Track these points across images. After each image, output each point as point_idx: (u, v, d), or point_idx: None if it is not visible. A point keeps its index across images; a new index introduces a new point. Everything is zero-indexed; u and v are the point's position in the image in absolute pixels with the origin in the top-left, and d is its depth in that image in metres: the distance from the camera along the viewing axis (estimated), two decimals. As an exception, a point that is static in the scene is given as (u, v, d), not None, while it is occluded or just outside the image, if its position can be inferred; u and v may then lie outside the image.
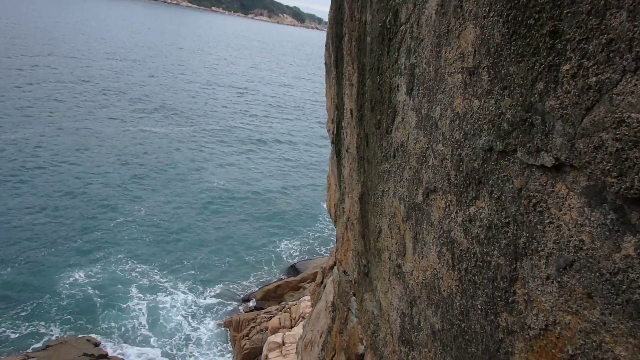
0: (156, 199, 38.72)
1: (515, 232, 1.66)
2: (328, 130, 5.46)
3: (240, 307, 26.38)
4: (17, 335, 23.61)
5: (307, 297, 18.78)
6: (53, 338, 23.50)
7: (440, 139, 2.16)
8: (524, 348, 1.71)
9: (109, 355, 21.26)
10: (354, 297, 4.51)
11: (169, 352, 23.84)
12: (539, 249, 1.54)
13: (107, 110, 57.96)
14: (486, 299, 1.91)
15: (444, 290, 2.33)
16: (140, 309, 26.59)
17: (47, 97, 60.68)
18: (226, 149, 51.81)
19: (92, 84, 68.09)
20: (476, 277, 1.97)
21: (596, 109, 1.28)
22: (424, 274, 2.58)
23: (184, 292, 28.43)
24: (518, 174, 1.62)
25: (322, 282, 6.92)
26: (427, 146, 2.33)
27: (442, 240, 2.27)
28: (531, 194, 1.56)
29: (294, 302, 20.01)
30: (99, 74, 73.03)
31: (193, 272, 30.17)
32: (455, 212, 2.09)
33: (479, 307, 1.97)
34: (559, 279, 1.46)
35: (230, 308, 26.89)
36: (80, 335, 23.73)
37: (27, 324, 24.37)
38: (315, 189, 43.96)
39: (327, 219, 37.74)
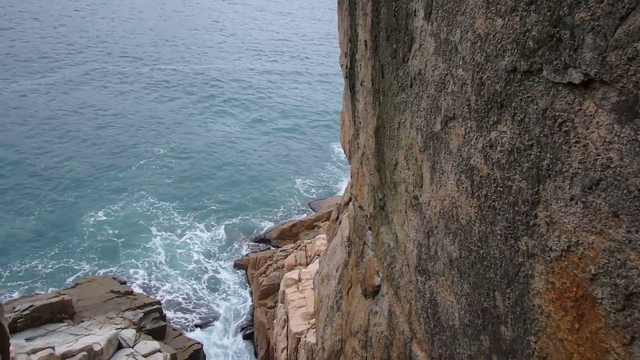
0: (175, 141, 39.05)
1: (538, 154, 1.63)
2: (341, 65, 5.33)
3: (257, 246, 27.05)
4: (49, 271, 24.76)
5: (322, 236, 19.15)
6: (81, 275, 24.54)
7: (460, 63, 2.08)
8: (544, 270, 1.72)
9: (134, 292, 22.13)
10: (369, 231, 4.57)
11: (190, 288, 24.76)
12: (564, 169, 1.51)
13: (133, 62, 57.29)
14: (506, 224, 1.90)
15: (462, 218, 2.33)
16: (161, 247, 27.47)
17: (73, 45, 60.26)
18: (239, 92, 51.35)
19: (113, 43, 66.92)
20: (496, 202, 1.96)
21: (631, 18, 1.21)
22: (442, 204, 2.57)
23: (202, 231, 29.16)
24: (543, 94, 1.56)
25: (337, 218, 7.01)
26: (446, 72, 2.26)
27: (461, 168, 2.25)
28: (556, 113, 1.51)
29: (309, 241, 20.43)
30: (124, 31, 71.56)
31: (211, 211, 30.82)
32: (476, 139, 2.05)
33: (499, 232, 1.97)
34: (584, 199, 1.44)
35: (247, 246, 27.59)
36: (106, 274, 24.77)
37: (56, 262, 25.49)
38: (327, 129, 43.70)
39: (338, 159, 37.87)
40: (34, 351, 15.14)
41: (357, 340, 4.82)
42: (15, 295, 22.88)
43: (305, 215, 29.82)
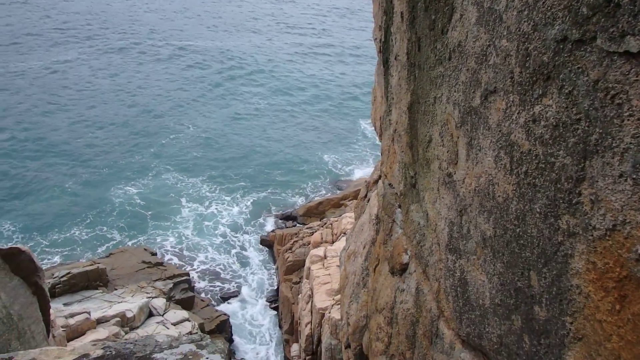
0: (204, 116, 39.45)
1: (586, 128, 1.56)
2: (375, 39, 5.23)
3: (283, 223, 27.27)
4: (85, 239, 25.60)
5: (349, 214, 19.15)
6: (113, 244, 25.29)
7: (505, 33, 2.00)
8: (586, 250, 1.66)
9: (164, 263, 22.70)
10: (399, 209, 4.52)
11: (217, 261, 25.21)
12: (614, 145, 1.44)
13: (164, 38, 57.74)
14: (546, 201, 1.84)
15: (498, 196, 2.26)
16: (189, 220, 28.01)
17: (104, 20, 61.07)
18: (268, 67, 51.25)
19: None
20: (537, 179, 1.89)
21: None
22: (478, 181, 2.51)
23: (229, 205, 29.54)
24: (595, 65, 1.48)
25: (365, 196, 6.97)
26: (488, 43, 2.18)
27: (500, 144, 2.18)
28: (609, 85, 1.43)
29: (336, 219, 20.47)
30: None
31: (238, 186, 31.17)
32: (518, 113, 1.98)
33: (538, 210, 1.91)
34: (634, 176, 1.37)
35: (273, 222, 27.85)
36: (136, 243, 25.46)
37: (90, 230, 26.33)
38: (356, 106, 43.33)
39: (365, 135, 37.62)
40: (72, 315, 15.82)
41: (383, 317, 4.83)
42: (57, 259, 23.79)
43: (332, 193, 29.86)
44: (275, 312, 21.83)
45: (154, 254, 23.25)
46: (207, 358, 4.67)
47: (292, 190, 30.66)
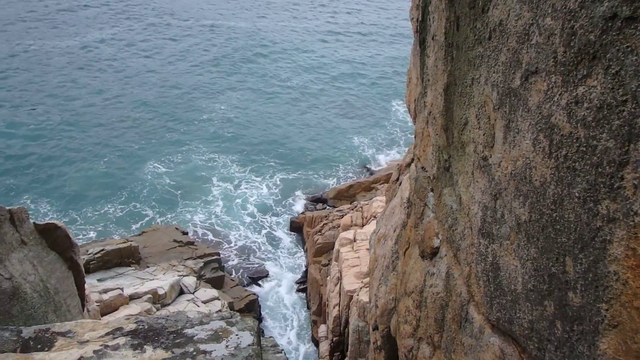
0: (236, 97, 39.78)
1: (632, 110, 1.50)
2: (411, 19, 5.14)
3: (313, 205, 27.40)
4: (118, 216, 26.36)
5: (380, 198, 19.09)
6: (145, 222, 25.95)
7: (549, 11, 1.94)
8: (626, 236, 1.62)
9: (195, 242, 23.18)
10: (431, 193, 4.48)
11: (247, 241, 25.58)
12: (661, 127, 1.39)
13: (196, 17, 58.15)
14: (586, 186, 1.80)
15: (535, 180, 2.22)
16: (219, 199, 28.45)
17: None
18: (301, 47, 51.10)
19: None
20: (577, 163, 1.85)
21: None
22: (514, 164, 2.47)
23: (259, 186, 29.84)
24: (645, 44, 1.43)
25: (397, 179, 6.94)
26: (531, 22, 2.11)
27: (539, 126, 2.13)
28: (659, 65, 1.38)
29: (366, 202, 20.46)
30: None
31: (269, 167, 31.41)
32: (559, 95, 1.93)
33: (577, 195, 1.87)
34: (682, 160, 1.33)
35: (303, 204, 28.01)
36: (167, 221, 26.07)
37: (124, 207, 27.07)
38: (388, 87, 42.84)
39: (397, 118, 37.25)
40: (105, 291, 16.35)
41: (412, 300, 4.83)
42: (91, 236, 24.62)
43: (362, 176, 29.79)
44: (304, 294, 22.09)
45: (185, 233, 23.78)
46: (236, 335, 4.75)
47: (322, 173, 30.72)
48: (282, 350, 6.16)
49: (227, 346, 4.48)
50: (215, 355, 4.32)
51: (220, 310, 17.65)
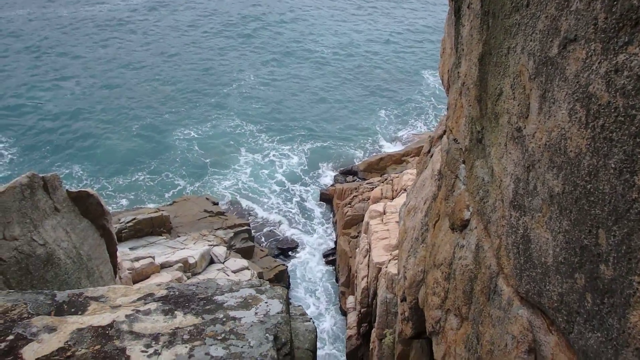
0: (265, 66, 39.69)
1: (674, 78, 1.46)
2: (447, -12, 5.01)
3: (343, 177, 27.40)
4: (148, 185, 26.90)
5: (410, 170, 18.96)
6: (175, 192, 26.45)
7: (591, -24, 1.87)
8: (662, 207, 1.59)
9: (225, 213, 23.54)
10: (463, 165, 4.44)
11: (276, 212, 25.84)
12: None
13: None
14: (623, 156, 1.76)
15: (570, 151, 2.18)
16: (248, 169, 28.70)
17: None
18: (329, 17, 50.35)
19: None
20: (614, 133, 1.81)
21: None
22: (549, 135, 2.42)
23: (288, 157, 29.94)
24: (691, 8, 1.37)
25: (429, 151, 6.88)
26: (571, -12, 2.04)
27: (576, 96, 2.08)
28: None
29: (397, 175, 20.33)
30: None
31: (297, 137, 31.42)
32: (598, 63, 1.87)
33: (612, 166, 1.83)
34: None
35: (333, 176, 28.06)
36: (196, 189, 26.51)
37: (155, 176, 27.60)
38: (421, 56, 41.96)
39: (427, 87, 36.61)
40: (137, 259, 16.71)
41: (440, 272, 4.84)
42: (122, 204, 25.30)
43: (393, 148, 29.55)
44: (333, 265, 22.33)
45: (216, 204, 24.11)
46: (266, 302, 4.85)
47: (351, 144, 30.60)
48: (311, 318, 6.29)
49: (256, 313, 4.60)
50: (244, 321, 4.44)
51: (249, 280, 18.05)
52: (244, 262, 19.00)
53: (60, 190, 8.44)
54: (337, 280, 21.33)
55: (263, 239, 23.92)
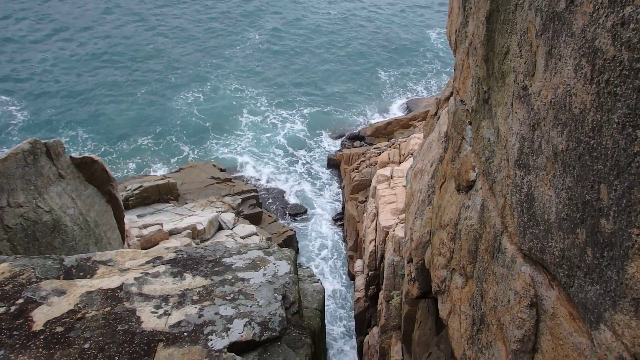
0: (270, 25, 39.07)
1: (679, 29, 1.45)
2: (455, -56, 4.89)
3: (351, 142, 27.34)
4: (155, 149, 26.85)
5: (417, 135, 18.89)
6: (182, 157, 26.46)
7: None
8: (663, 160, 1.60)
9: (232, 179, 23.63)
10: (469, 126, 4.44)
11: (283, 178, 25.90)
12: None
13: None
14: (626, 110, 1.77)
15: (575, 107, 2.18)
16: (253, 133, 28.56)
17: None
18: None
19: None
20: (618, 88, 1.81)
21: None
22: (554, 92, 2.42)
23: (291, 120, 29.77)
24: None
25: (436, 113, 6.85)
26: (579, -61, 2.01)
27: (582, 51, 2.07)
28: None
29: (404, 140, 20.28)
30: None
31: (303, 101, 31.14)
32: (605, 16, 1.86)
33: (616, 120, 1.84)
34: None
35: (340, 141, 27.97)
36: (200, 153, 26.50)
37: (158, 142, 27.53)
38: (428, 16, 41.08)
39: (432, 47, 36.01)
40: (145, 226, 16.82)
41: (446, 233, 4.90)
42: (130, 166, 25.29)
43: (397, 113, 29.31)
44: (341, 230, 22.55)
45: (223, 170, 24.17)
46: (274, 264, 4.94)
47: (360, 110, 30.38)
48: (319, 279, 6.41)
49: (264, 274, 4.71)
50: (253, 282, 4.55)
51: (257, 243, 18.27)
52: (252, 228, 19.17)
53: (64, 156, 8.39)
54: (345, 245, 21.59)
55: (271, 205, 24.09)
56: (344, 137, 27.98)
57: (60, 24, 38.30)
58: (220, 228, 19.03)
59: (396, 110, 29.99)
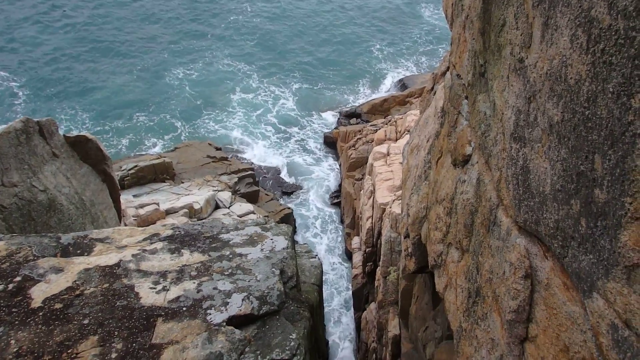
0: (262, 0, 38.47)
1: (674, -5, 1.44)
2: None
3: (347, 119, 27.21)
4: (148, 125, 26.50)
5: (414, 111, 18.83)
6: (174, 135, 26.18)
7: None
8: (656, 128, 1.61)
9: (229, 158, 23.56)
10: (465, 100, 4.43)
11: (279, 156, 25.81)
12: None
13: None
14: (621, 80, 1.77)
15: (570, 78, 2.18)
16: (246, 111, 28.25)
17: None
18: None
19: None
20: (613, 57, 1.80)
21: None
22: (550, 64, 2.41)
23: (286, 97, 29.51)
24: None
25: (432, 89, 6.82)
26: None
27: (578, 21, 2.06)
28: None
29: (400, 116, 20.22)
30: None
31: (297, 77, 30.80)
32: (601, -16, 1.84)
33: (611, 90, 1.84)
34: None
35: (333, 117, 27.79)
36: (192, 129, 26.32)
37: (152, 118, 27.24)
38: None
39: (428, 22, 35.64)
40: (142, 206, 16.61)
41: (442, 208, 4.93)
42: (124, 142, 25.08)
43: (395, 90, 29.14)
44: (338, 207, 22.63)
45: (219, 149, 24.05)
46: (271, 239, 4.98)
47: (355, 87, 30.14)
48: (316, 255, 6.47)
49: (262, 249, 4.75)
50: (250, 257, 4.60)
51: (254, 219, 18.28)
52: (249, 207, 19.15)
53: (57, 135, 8.33)
54: (342, 222, 21.69)
55: (267, 183, 24.09)
56: (339, 115, 27.83)
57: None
58: (217, 207, 18.97)
59: (390, 87, 29.80)
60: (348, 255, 19.35)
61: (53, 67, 30.35)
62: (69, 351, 3.37)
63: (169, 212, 17.07)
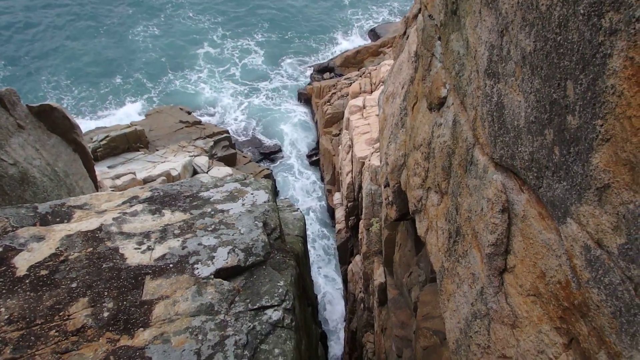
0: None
1: None
2: None
3: (320, 75, 26.83)
4: (115, 90, 25.75)
5: (388, 62, 18.67)
6: (146, 98, 25.47)
7: None
8: (625, 46, 1.63)
9: (202, 122, 23.16)
10: (438, 42, 4.40)
11: (254, 116, 25.43)
12: None
13: None
14: (591, 0, 1.77)
15: (542, 5, 2.18)
16: (209, 66, 27.41)
17: None
18: None
19: None
20: (583, -22, 1.80)
21: None
22: (521, -7, 2.40)
23: (255, 51, 28.76)
24: None
25: (404, 33, 6.75)
26: None
27: (547, -55, 2.03)
28: None
29: (374, 68, 20.04)
30: None
31: (267, 34, 29.97)
32: None
33: (581, 12, 1.84)
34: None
35: (308, 75, 27.36)
36: (162, 92, 25.72)
37: (119, 82, 26.36)
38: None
39: None
40: (118, 176, 16.27)
41: (420, 153, 4.98)
42: (89, 116, 24.58)
43: (366, 39, 28.66)
44: (317, 165, 22.64)
45: (190, 113, 23.57)
46: (252, 194, 4.97)
47: (326, 42, 29.53)
48: (298, 209, 6.51)
49: (243, 204, 4.75)
50: (232, 212, 4.60)
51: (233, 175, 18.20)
52: (228, 170, 19.01)
53: (20, 105, 8.01)
54: (322, 180, 21.77)
55: (244, 145, 23.88)
56: (312, 70, 27.39)
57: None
58: (195, 172, 18.76)
59: (361, 37, 29.30)
60: (330, 211, 19.52)
61: (10, 32, 29.06)
62: (60, 314, 3.39)
63: (146, 181, 16.83)
